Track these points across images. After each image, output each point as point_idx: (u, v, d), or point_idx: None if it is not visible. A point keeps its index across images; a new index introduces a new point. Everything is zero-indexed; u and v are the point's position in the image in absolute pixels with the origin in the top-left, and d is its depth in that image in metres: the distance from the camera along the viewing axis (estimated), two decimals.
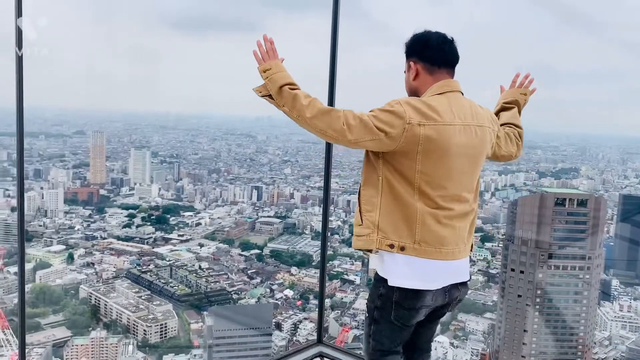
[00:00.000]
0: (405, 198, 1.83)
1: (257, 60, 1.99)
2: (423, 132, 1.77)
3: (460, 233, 1.96)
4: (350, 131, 1.75)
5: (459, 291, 2.12)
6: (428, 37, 1.97)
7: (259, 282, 23.81)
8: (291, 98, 1.82)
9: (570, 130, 39.15)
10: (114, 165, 30.13)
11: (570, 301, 18.92)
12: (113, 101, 48.35)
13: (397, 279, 1.94)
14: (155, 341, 21.71)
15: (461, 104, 1.91)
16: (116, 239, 25.19)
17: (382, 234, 1.88)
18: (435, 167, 1.81)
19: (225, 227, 26.84)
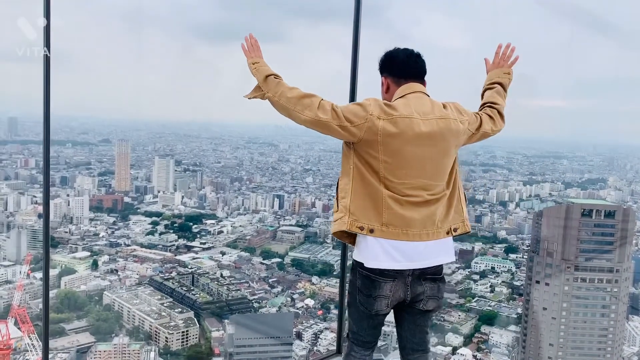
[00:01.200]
0: (373, 185, 2.01)
1: (245, 53, 2.20)
2: (381, 125, 1.96)
3: (429, 217, 2.05)
4: (324, 112, 1.97)
5: (423, 286, 2.12)
6: (395, 55, 2.19)
7: (280, 291, 23.82)
8: (275, 84, 2.06)
9: (598, 140, 38.57)
10: (138, 173, 30.56)
11: (597, 315, 18.49)
12: (138, 110, 49.15)
13: (369, 260, 2.06)
14: (177, 348, 21.84)
15: (421, 102, 2.07)
16: (139, 246, 25.47)
17: (353, 217, 2.03)
18: (395, 157, 1.98)
19: (247, 235, 26.96)
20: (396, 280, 2.07)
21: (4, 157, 26.76)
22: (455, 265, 24.86)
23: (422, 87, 2.14)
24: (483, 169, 29.55)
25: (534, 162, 31.00)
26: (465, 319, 22.38)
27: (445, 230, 2.11)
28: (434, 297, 2.18)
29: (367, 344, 2.24)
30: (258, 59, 2.17)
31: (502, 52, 2.37)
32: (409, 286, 2.09)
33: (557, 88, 46.50)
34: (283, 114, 2.07)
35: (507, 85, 2.33)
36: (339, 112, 1.98)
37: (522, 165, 30.47)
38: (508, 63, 2.37)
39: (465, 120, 2.10)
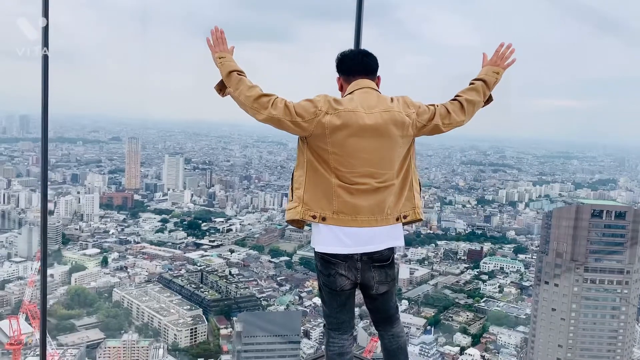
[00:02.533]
0: (324, 175, 2.13)
1: (210, 47, 2.25)
2: (328, 120, 2.07)
3: (377, 205, 2.16)
4: (276, 109, 2.08)
5: (372, 272, 2.21)
6: (344, 55, 2.29)
7: (288, 289, 23.88)
8: (237, 81, 2.14)
9: (609, 140, 38.25)
10: (148, 171, 30.76)
11: (607, 316, 18.37)
12: (148, 108, 49.42)
13: (320, 245, 2.18)
14: (185, 345, 21.96)
15: (367, 96, 2.16)
16: (149, 244, 25.73)
17: (305, 206, 2.16)
18: (342, 148, 2.09)
19: (256, 233, 27.05)
20: (347, 263, 2.17)
21: (16, 154, 27.01)
22: (464, 266, 24.81)
23: (369, 83, 2.23)
24: (492, 169, 29.44)
25: (544, 162, 30.83)
26: (474, 319, 22.32)
27: (394, 217, 2.20)
28: (383, 282, 2.25)
29: (342, 325, 2.32)
30: (224, 54, 2.22)
31: (501, 51, 2.38)
32: (358, 270, 2.19)
33: (568, 88, 46.21)
34: (241, 109, 2.17)
35: (491, 83, 2.35)
36: (290, 108, 2.08)
37: (532, 166, 30.32)
38: (504, 63, 2.37)
39: (412, 113, 2.17)
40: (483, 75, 2.35)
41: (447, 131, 2.29)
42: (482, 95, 2.34)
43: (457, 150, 31.07)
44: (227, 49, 2.25)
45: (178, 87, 55.01)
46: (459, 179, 28.26)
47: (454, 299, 23.27)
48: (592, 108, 51.18)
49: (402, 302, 22.78)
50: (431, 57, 62.06)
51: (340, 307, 2.30)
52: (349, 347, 2.38)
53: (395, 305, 2.42)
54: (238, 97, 2.14)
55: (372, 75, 2.28)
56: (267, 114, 2.08)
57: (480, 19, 58.40)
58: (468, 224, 26.05)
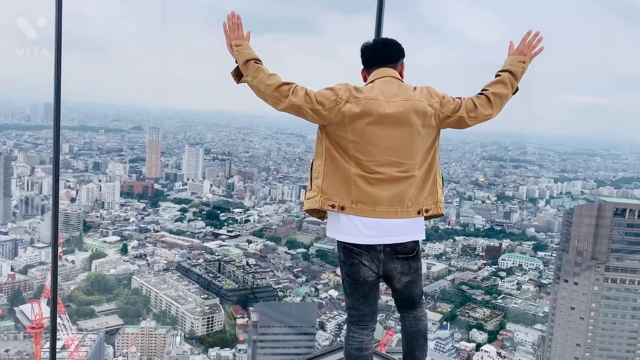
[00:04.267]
0: (343, 164, 2.12)
1: (225, 33, 2.20)
2: (349, 107, 2.06)
3: (397, 196, 2.13)
4: (296, 97, 2.06)
5: (395, 264, 2.20)
6: (364, 46, 2.28)
7: (304, 280, 23.95)
8: (255, 69, 2.12)
9: (635, 137, 37.50)
10: (168, 161, 31.04)
11: (627, 317, 18.09)
12: (169, 98, 49.80)
13: (339, 234, 2.18)
14: (202, 334, 22.21)
15: (388, 85, 2.16)
16: (168, 232, 25.93)
17: (324, 196, 2.15)
18: (362, 136, 2.08)
19: (273, 224, 27.15)
20: (370, 254, 2.16)
21: (40, 141, 27.45)
22: (482, 262, 24.60)
23: (391, 72, 2.21)
24: (513, 165, 29.10)
25: (566, 159, 30.37)
26: (491, 315, 22.15)
27: (416, 210, 2.17)
28: (406, 273, 2.24)
29: (364, 319, 2.29)
30: (241, 41, 2.18)
31: (528, 39, 2.31)
32: (381, 261, 2.18)
33: (593, 84, 45.29)
34: (260, 98, 2.14)
35: (518, 74, 2.27)
36: (311, 96, 2.07)
37: (554, 162, 29.89)
38: (531, 52, 2.31)
39: (435, 103, 2.14)
40: (509, 66, 2.28)
41: (473, 124, 2.23)
42: (510, 87, 2.26)
43: (478, 145, 30.75)
44: (243, 36, 2.20)
45: (199, 78, 55.21)
46: (479, 175, 28.00)
47: (471, 295, 23.11)
48: (618, 105, 50.11)
49: None
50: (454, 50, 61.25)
51: (363, 298, 2.28)
52: (368, 343, 2.33)
53: (421, 292, 2.40)
54: (257, 86, 2.11)
55: (393, 64, 2.25)
56: (287, 102, 2.07)
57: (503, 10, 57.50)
58: (487, 220, 25.82)
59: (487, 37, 60.75)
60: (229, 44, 2.19)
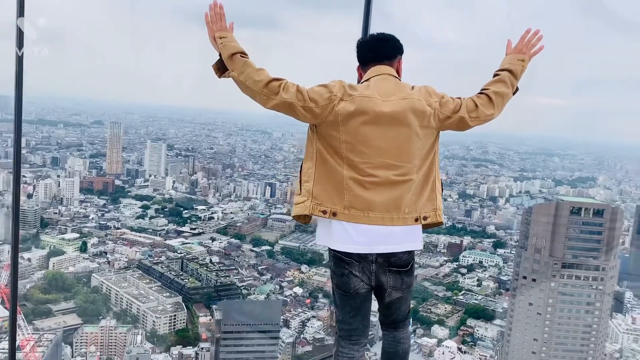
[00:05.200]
0: (335, 167, 2.00)
1: (207, 24, 2.05)
2: (343, 106, 1.95)
3: (393, 201, 2.00)
4: (287, 93, 1.94)
5: (387, 277, 2.07)
6: (360, 42, 2.18)
7: (269, 278, 23.87)
8: (242, 64, 1.98)
9: (590, 139, 38.76)
10: (130, 157, 30.37)
11: (582, 312, 18.69)
12: (131, 93, 48.80)
13: (330, 242, 2.05)
14: (164, 332, 21.89)
15: (384, 83, 2.05)
16: (129, 230, 25.46)
17: (315, 201, 2.02)
18: (356, 136, 1.97)
19: (238, 222, 26.94)
20: (361, 264, 2.03)
21: None
22: (444, 259, 25.03)
23: (387, 69, 2.10)
24: (475, 164, 29.66)
25: (526, 158, 31.15)
26: (452, 311, 22.57)
27: (413, 217, 2.05)
28: (397, 288, 2.11)
29: (354, 333, 2.15)
30: (225, 33, 2.03)
31: (527, 37, 2.23)
32: (373, 273, 2.05)
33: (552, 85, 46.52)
34: (246, 94, 2.01)
35: (518, 72, 2.20)
36: (303, 93, 1.95)
37: (514, 162, 30.61)
38: (530, 51, 2.23)
39: (434, 102, 2.04)
40: (508, 65, 2.21)
41: (474, 125, 2.15)
42: (510, 86, 2.18)
43: (441, 144, 31.19)
44: (226, 27, 2.05)
45: (163, 72, 54.34)
46: (441, 173, 28.48)
47: (433, 292, 23.50)
48: (575, 107, 51.74)
49: None
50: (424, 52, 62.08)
51: (354, 311, 2.13)
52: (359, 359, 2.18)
53: (407, 311, 2.27)
54: (244, 81, 1.97)
55: (389, 60, 2.14)
56: (278, 99, 1.94)
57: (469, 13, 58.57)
58: (449, 218, 26.28)
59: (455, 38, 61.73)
60: (212, 35, 2.04)
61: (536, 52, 2.25)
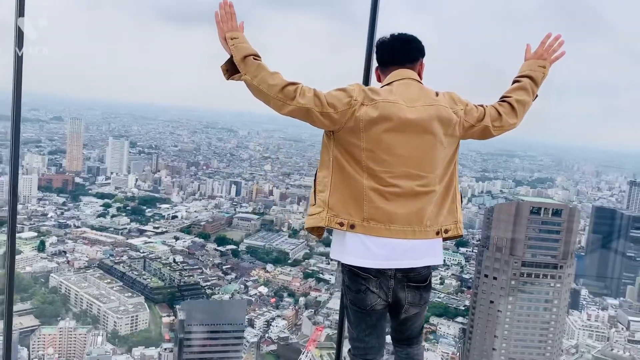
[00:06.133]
0: (354, 176, 1.89)
1: (217, 24, 1.96)
2: (364, 111, 1.85)
3: (415, 213, 1.91)
4: (304, 98, 1.84)
5: (405, 293, 1.98)
6: (381, 43, 2.07)
7: (234, 278, 23.68)
8: (255, 67, 1.88)
9: (549, 140, 39.84)
10: (90, 153, 29.62)
11: (540, 309, 19.21)
12: (93, 89, 47.57)
13: (344, 256, 1.94)
14: (125, 333, 21.47)
15: (408, 88, 1.95)
16: (90, 228, 24.86)
17: (331, 212, 1.91)
18: (378, 144, 1.86)
19: (202, 221, 26.61)
20: (379, 279, 1.93)
21: None
22: None
23: (410, 74, 2.01)
24: None
25: (487, 159, 31.78)
26: None
27: (434, 231, 1.97)
28: (415, 304, 2.03)
29: (370, 352, 2.05)
30: (236, 33, 1.93)
31: (548, 42, 2.15)
32: (390, 288, 1.95)
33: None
34: (259, 99, 1.91)
35: (539, 79, 2.13)
36: (321, 98, 1.85)
37: (476, 162, 31.19)
38: (551, 57, 2.16)
39: (459, 110, 1.96)
40: (528, 71, 2.13)
41: (497, 135, 2.08)
42: (531, 93, 2.11)
43: None
44: (237, 27, 1.96)
45: (125, 68, 53.21)
46: None
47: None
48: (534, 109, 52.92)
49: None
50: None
51: (370, 329, 2.02)
52: None
53: (421, 327, 2.18)
54: (258, 86, 1.86)
55: (412, 64, 2.04)
56: (294, 104, 1.84)
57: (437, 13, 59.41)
58: None
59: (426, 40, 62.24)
60: (222, 36, 1.94)
61: (557, 58, 2.17)
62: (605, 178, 27.01)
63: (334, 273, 23.95)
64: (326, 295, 22.99)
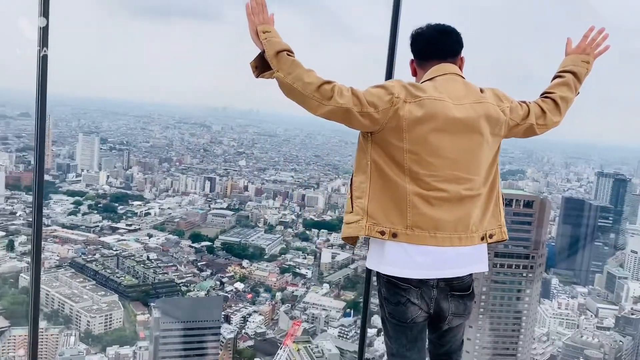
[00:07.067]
0: (395, 181, 1.76)
1: (248, 16, 1.82)
2: (408, 109, 1.72)
3: (462, 219, 1.80)
4: (342, 97, 1.71)
5: (449, 304, 1.87)
6: (419, 34, 1.93)
7: (209, 274, 23.53)
8: (289, 63, 1.74)
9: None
10: (60, 150, 29.00)
11: (513, 298, 19.61)
12: (61, 84, 46.47)
13: (383, 266, 1.84)
14: (99, 332, 21.18)
15: (453, 85, 1.83)
16: (61, 227, 24.40)
17: (372, 220, 1.79)
18: (423, 145, 1.74)
19: (176, 218, 26.32)
20: (420, 289, 1.82)
21: None
22: None
23: (454, 69, 1.89)
24: None
25: None
26: None
27: (479, 236, 1.86)
28: (459, 315, 1.92)
29: None
30: (269, 27, 1.80)
31: (591, 35, 2.04)
32: (432, 299, 1.84)
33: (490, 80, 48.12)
34: (292, 99, 1.77)
35: (582, 75, 2.03)
36: (360, 97, 1.73)
37: None
38: (595, 51, 2.05)
39: (506, 108, 1.87)
40: (571, 66, 2.03)
41: (541, 133, 2.00)
42: (574, 90, 2.02)
43: None
44: (268, 19, 1.82)
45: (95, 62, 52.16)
46: None
47: (373, 282, 23.90)
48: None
49: (323, 286, 23.14)
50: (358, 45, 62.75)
51: (411, 343, 1.89)
52: None
53: (462, 341, 2.07)
54: (292, 84, 1.72)
55: (453, 57, 1.92)
56: (332, 104, 1.70)
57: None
58: None
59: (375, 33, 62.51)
60: (254, 29, 1.80)
61: (601, 52, 2.07)
62: (574, 169, 27.63)
63: (310, 267, 24.00)
64: (303, 290, 23.04)
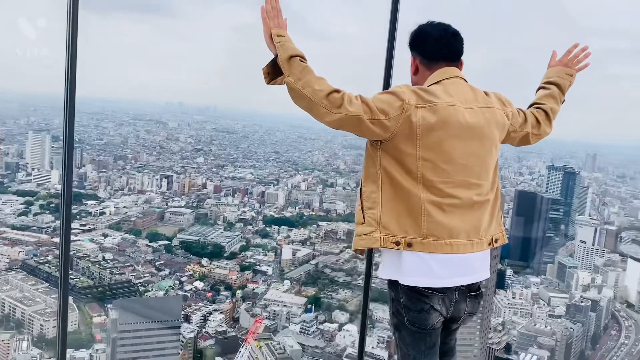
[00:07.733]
0: (408, 189, 1.74)
1: (263, 19, 1.80)
2: (421, 114, 1.70)
3: (474, 225, 1.80)
4: (351, 104, 1.67)
5: (466, 304, 1.89)
6: (427, 33, 1.89)
7: (168, 274, 23.20)
8: (301, 69, 1.72)
9: None
10: (9, 149, 28.02)
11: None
12: (9, 80, 44.69)
13: (403, 276, 1.80)
14: (53, 336, 20.60)
15: (460, 88, 1.82)
16: (10, 228, 23.68)
17: (385, 231, 1.77)
18: (436, 152, 1.72)
19: (132, 217, 25.82)
20: (444, 294, 1.82)
21: None
22: (343, 245, 25.73)
23: (459, 72, 1.87)
24: None
25: None
26: (352, 296, 23.28)
27: (487, 241, 1.87)
28: (472, 313, 1.95)
29: None
30: (283, 32, 1.77)
31: (574, 52, 2.10)
32: (453, 302, 1.84)
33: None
34: (300, 105, 1.74)
35: (565, 87, 2.08)
36: (370, 105, 1.69)
37: None
38: (576, 67, 2.11)
39: (509, 112, 1.87)
40: (556, 78, 2.07)
41: (533, 143, 2.02)
42: (559, 101, 2.07)
43: (339, 134, 31.98)
44: (282, 24, 1.80)
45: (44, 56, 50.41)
46: (340, 162, 29.14)
47: (333, 277, 24.08)
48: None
49: (284, 282, 23.14)
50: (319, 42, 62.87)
51: (428, 349, 1.89)
52: None
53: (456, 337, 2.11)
54: (301, 90, 1.69)
55: (459, 61, 1.90)
56: (342, 113, 1.66)
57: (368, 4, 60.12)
58: (348, 206, 27.01)
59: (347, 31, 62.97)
60: (268, 33, 1.77)
61: (581, 69, 2.12)
62: (526, 163, 28.45)
63: (271, 264, 23.96)
64: (264, 287, 22.98)
